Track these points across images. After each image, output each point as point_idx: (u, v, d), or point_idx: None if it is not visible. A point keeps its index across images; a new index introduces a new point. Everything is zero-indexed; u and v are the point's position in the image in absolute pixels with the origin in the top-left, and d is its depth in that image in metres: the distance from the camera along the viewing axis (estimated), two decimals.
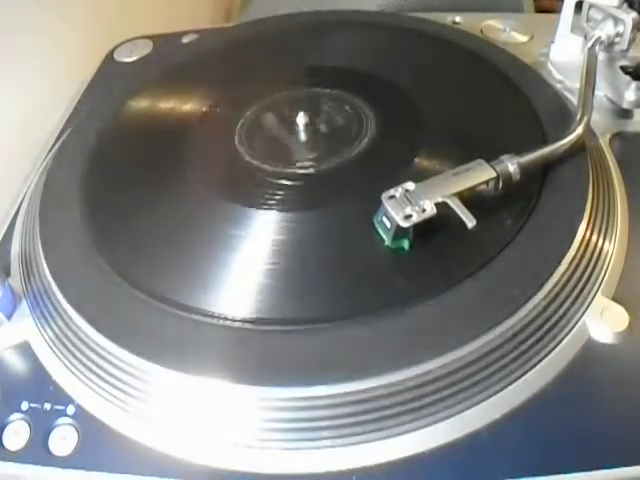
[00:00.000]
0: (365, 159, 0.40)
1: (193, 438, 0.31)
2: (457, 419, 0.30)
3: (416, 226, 0.33)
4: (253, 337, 0.32)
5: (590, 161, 0.38)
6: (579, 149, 0.38)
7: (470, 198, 0.34)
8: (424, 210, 0.33)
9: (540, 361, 0.31)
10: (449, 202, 0.33)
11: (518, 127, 0.41)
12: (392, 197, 0.34)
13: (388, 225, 0.34)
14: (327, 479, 0.29)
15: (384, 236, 0.34)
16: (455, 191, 0.34)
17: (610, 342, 0.32)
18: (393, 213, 0.33)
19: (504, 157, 0.35)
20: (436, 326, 0.31)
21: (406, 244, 0.34)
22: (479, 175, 0.35)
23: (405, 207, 0.33)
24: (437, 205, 0.33)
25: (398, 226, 0.33)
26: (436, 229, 0.34)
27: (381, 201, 0.34)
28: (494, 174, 0.35)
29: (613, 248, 0.35)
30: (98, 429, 0.31)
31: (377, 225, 0.35)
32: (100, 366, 0.33)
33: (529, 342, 0.31)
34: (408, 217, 0.33)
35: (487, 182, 0.35)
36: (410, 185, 0.34)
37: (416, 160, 0.39)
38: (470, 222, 0.32)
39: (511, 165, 0.35)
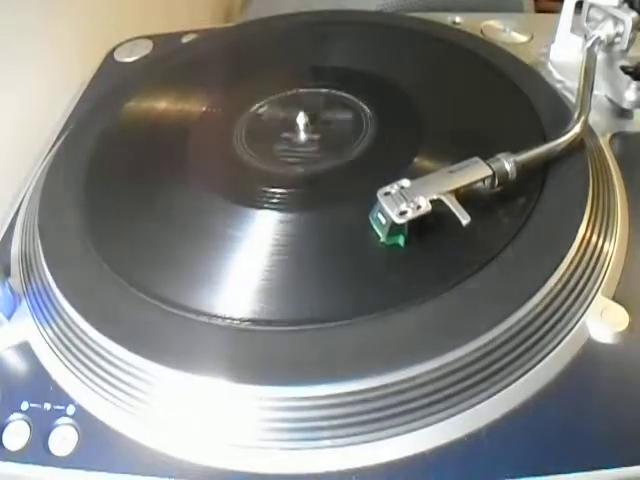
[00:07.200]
0: (365, 159, 0.40)
1: (193, 438, 0.31)
2: (457, 419, 0.30)
3: (417, 226, 0.33)
4: (253, 337, 0.32)
5: (590, 161, 0.38)
6: (579, 149, 0.38)
7: (468, 197, 0.34)
8: (419, 207, 0.33)
9: (540, 361, 0.31)
10: (444, 199, 0.33)
11: (518, 127, 0.41)
12: (387, 194, 0.34)
13: (383, 221, 0.34)
14: (327, 479, 0.29)
15: (379, 232, 0.34)
16: (450, 188, 0.34)
17: (610, 342, 0.32)
18: (388, 209, 0.33)
19: (500, 155, 0.35)
20: (435, 326, 0.31)
21: (401, 240, 0.34)
22: (475, 173, 0.35)
23: (400, 204, 0.33)
24: (432, 202, 0.33)
25: (393, 222, 0.33)
26: (436, 229, 0.34)
27: (377, 198, 0.34)
28: (490, 172, 0.35)
29: (613, 248, 0.35)
30: (98, 429, 0.31)
31: (372, 221, 0.35)
32: (100, 366, 0.33)
33: (529, 342, 0.31)
34: (403, 213, 0.33)
35: (483, 180, 0.35)
36: (405, 182, 0.34)
37: (416, 160, 0.39)
38: (464, 219, 0.32)
39: (507, 163, 0.35)
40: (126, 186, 0.41)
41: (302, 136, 0.42)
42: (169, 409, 0.31)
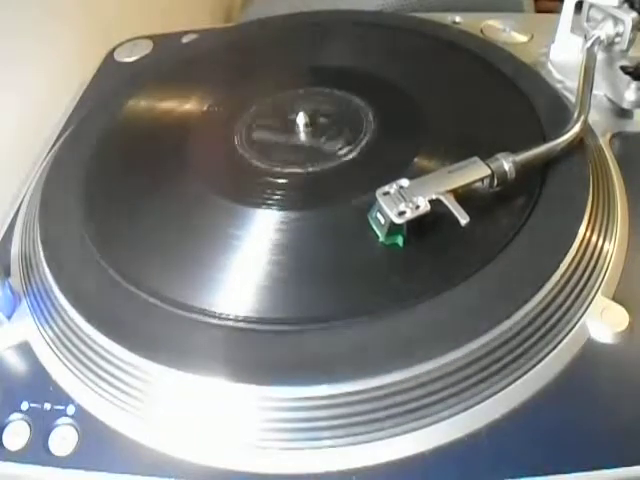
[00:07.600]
0: (364, 158, 0.40)
1: (193, 438, 0.31)
2: (457, 419, 0.30)
3: (416, 226, 0.33)
4: (253, 337, 0.32)
5: (590, 161, 0.38)
6: (579, 149, 0.38)
7: (467, 197, 0.34)
8: (418, 207, 0.33)
9: (540, 361, 0.31)
10: (443, 199, 0.33)
11: (518, 127, 0.41)
12: (386, 193, 0.34)
13: (382, 221, 0.34)
14: (327, 479, 0.29)
15: (378, 232, 0.34)
16: (449, 188, 0.34)
17: (610, 342, 0.32)
18: (387, 209, 0.33)
19: (500, 155, 0.35)
20: (435, 326, 0.31)
21: (400, 240, 0.34)
22: (474, 172, 0.35)
23: (399, 203, 0.33)
24: (431, 202, 0.33)
25: (392, 222, 0.33)
26: (435, 229, 0.34)
27: (376, 198, 0.34)
28: (488, 172, 0.35)
29: (613, 248, 0.35)
30: (98, 429, 0.31)
31: (371, 221, 0.35)
32: (100, 366, 0.33)
33: (529, 342, 0.31)
34: (402, 213, 0.33)
35: (482, 180, 0.35)
36: (404, 182, 0.34)
37: (416, 160, 0.39)
38: (463, 219, 0.32)
39: (506, 163, 0.35)
40: (126, 186, 0.41)
41: (302, 136, 0.42)
42: (169, 409, 0.31)
